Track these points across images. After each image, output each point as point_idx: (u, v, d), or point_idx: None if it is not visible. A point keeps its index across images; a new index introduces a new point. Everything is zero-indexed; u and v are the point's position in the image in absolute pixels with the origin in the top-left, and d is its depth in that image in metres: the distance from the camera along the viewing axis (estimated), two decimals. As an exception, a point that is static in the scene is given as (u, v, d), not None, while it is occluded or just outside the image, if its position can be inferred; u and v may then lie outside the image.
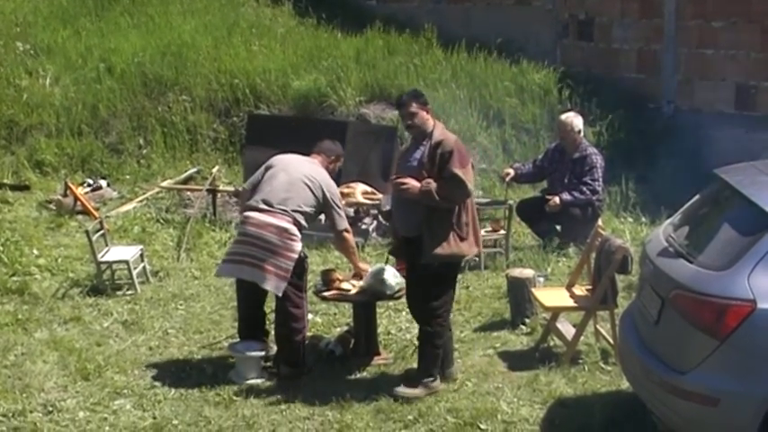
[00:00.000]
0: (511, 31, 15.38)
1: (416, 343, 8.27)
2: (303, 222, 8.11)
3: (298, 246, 8.05)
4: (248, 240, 8.00)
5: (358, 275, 8.53)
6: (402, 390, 7.65)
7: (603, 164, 11.22)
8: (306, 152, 8.57)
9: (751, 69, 13.12)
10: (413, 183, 7.52)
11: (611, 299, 8.22)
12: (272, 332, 8.38)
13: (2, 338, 8.90)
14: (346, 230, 8.38)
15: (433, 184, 7.44)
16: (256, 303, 8.40)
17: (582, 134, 11.29)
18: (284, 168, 8.19)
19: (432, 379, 7.74)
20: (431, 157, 7.50)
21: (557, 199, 10.91)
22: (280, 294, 8.01)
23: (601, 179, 11.14)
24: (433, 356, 7.77)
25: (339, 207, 8.32)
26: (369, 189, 11.90)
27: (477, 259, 10.36)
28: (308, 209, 8.11)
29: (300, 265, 8.12)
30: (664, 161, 13.15)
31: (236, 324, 8.65)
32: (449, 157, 7.43)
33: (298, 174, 8.13)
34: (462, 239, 7.53)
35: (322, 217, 8.46)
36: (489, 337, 8.96)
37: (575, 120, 11.25)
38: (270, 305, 8.42)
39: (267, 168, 8.29)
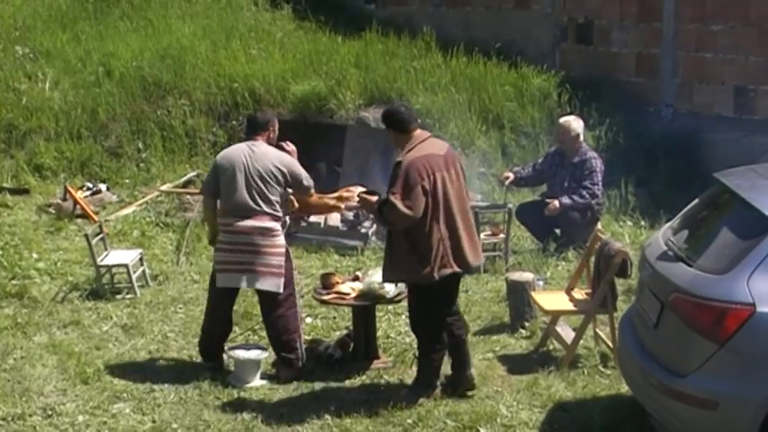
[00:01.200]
0: (510, 35, 15.39)
1: (415, 347, 8.30)
2: (280, 212, 8.17)
3: (282, 240, 8.14)
4: (234, 248, 8.06)
5: (342, 201, 8.78)
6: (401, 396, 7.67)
7: (603, 168, 11.23)
8: (305, 157, 8.55)
9: (750, 72, 13.13)
10: (370, 198, 7.61)
11: (611, 302, 8.22)
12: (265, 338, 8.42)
13: (1, 342, 8.89)
14: (312, 188, 8.45)
15: (375, 203, 7.53)
16: (226, 328, 8.43)
17: (582, 138, 11.29)
18: (238, 169, 8.08)
19: (429, 390, 7.70)
20: (390, 176, 7.51)
21: (556, 203, 10.92)
22: (281, 291, 8.07)
23: (600, 183, 11.14)
24: (428, 368, 7.74)
25: (301, 174, 8.29)
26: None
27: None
28: (278, 197, 8.14)
29: (288, 259, 8.22)
30: (663, 165, 13.16)
31: (201, 337, 8.54)
32: (393, 179, 7.39)
33: (254, 170, 8.06)
34: (423, 263, 7.36)
35: (321, 219, 8.47)
36: (489, 340, 8.96)
37: (574, 123, 11.25)
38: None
39: (218, 172, 8.20)
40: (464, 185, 7.70)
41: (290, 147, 8.64)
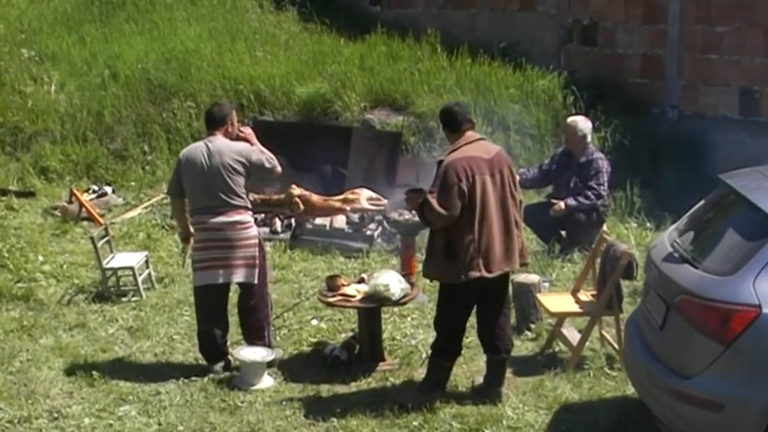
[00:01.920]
0: (515, 36, 15.40)
1: (421, 349, 8.30)
2: (249, 202, 8.29)
3: (254, 231, 8.29)
4: (210, 245, 8.18)
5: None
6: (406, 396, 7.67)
7: (610, 169, 11.20)
8: (310, 159, 8.59)
9: (755, 74, 13.12)
10: (416, 196, 7.60)
11: (616, 304, 8.22)
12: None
13: (7, 345, 8.91)
14: (277, 167, 8.48)
15: (419, 202, 7.52)
16: (219, 321, 8.43)
17: (589, 139, 11.28)
18: (199, 167, 8.14)
19: (436, 391, 7.68)
20: (435, 176, 7.54)
21: (561, 204, 10.91)
22: (255, 281, 8.24)
23: (606, 184, 11.12)
24: (437, 368, 7.73)
25: (261, 158, 8.31)
26: (374, 195, 11.92)
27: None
28: (243, 188, 8.22)
29: (261, 249, 8.39)
30: (668, 166, 13.16)
31: (199, 341, 8.52)
32: (435, 178, 7.43)
33: (214, 166, 8.10)
34: (454, 263, 7.37)
35: (327, 222, 8.48)
36: (494, 342, 8.95)
37: (581, 123, 11.25)
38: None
39: (180, 173, 8.28)
40: (511, 191, 7.60)
41: (247, 130, 8.69)
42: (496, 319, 7.68)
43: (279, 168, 8.49)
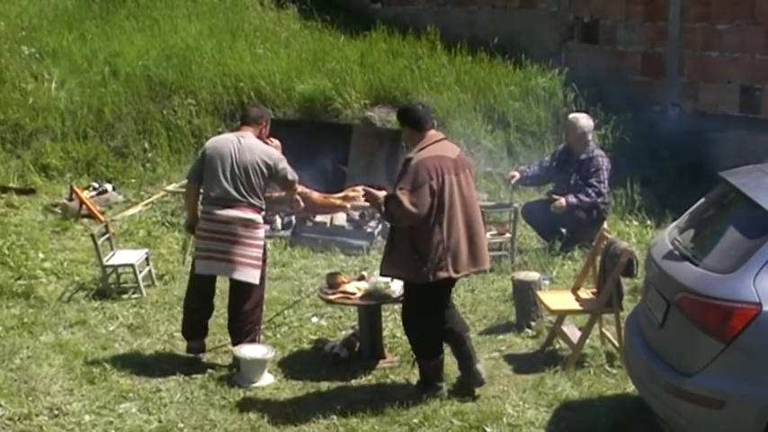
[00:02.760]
0: (515, 34, 15.39)
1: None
2: (263, 204, 8.34)
3: (262, 233, 8.33)
4: (215, 236, 8.21)
5: (348, 200, 9.16)
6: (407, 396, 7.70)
7: (610, 166, 11.21)
8: (311, 156, 8.63)
9: (756, 71, 13.11)
10: (376, 193, 7.60)
11: (617, 302, 8.23)
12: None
13: (7, 342, 8.90)
14: (296, 182, 8.61)
15: (381, 198, 7.52)
16: (207, 303, 8.58)
17: (590, 137, 11.28)
18: (225, 158, 8.20)
19: (432, 390, 7.71)
20: (399, 172, 7.56)
21: (562, 200, 10.91)
22: (256, 282, 8.27)
23: (606, 181, 11.12)
24: (426, 369, 7.77)
25: (286, 168, 8.41)
26: (374, 192, 11.89)
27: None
28: (261, 189, 8.29)
29: (264, 252, 8.43)
30: (669, 164, 13.16)
31: (183, 317, 8.72)
32: (402, 175, 7.42)
33: (240, 161, 8.18)
34: (422, 262, 7.38)
35: (327, 219, 8.49)
36: (495, 340, 8.96)
37: (582, 120, 11.25)
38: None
39: (205, 160, 8.33)
40: (474, 192, 7.69)
41: (275, 142, 8.79)
42: (445, 310, 7.80)
43: (297, 185, 8.60)
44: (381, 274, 7.92)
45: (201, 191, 8.44)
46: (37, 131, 14.52)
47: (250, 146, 8.26)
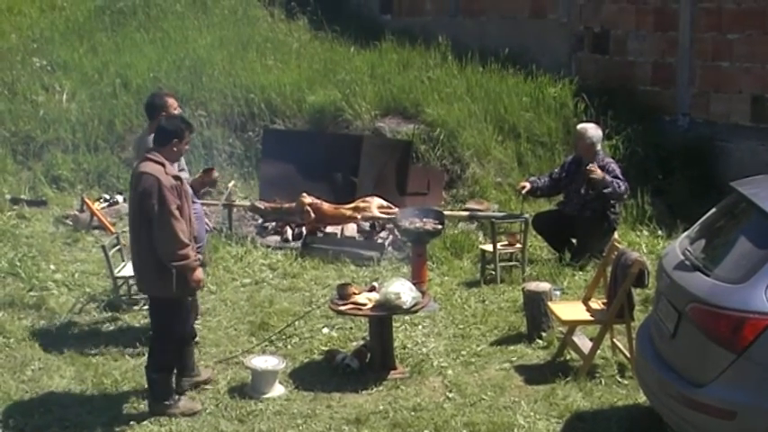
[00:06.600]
0: (526, 44, 15.40)
1: (432, 357, 8.28)
2: None
3: None
4: None
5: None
6: None
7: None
8: (321, 168, 8.56)
9: (766, 81, 13.08)
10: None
11: (628, 312, 8.20)
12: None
13: (19, 353, 8.93)
14: None
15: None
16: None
17: (599, 147, 11.27)
18: None
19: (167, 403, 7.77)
20: None
21: (599, 170, 10.82)
22: None
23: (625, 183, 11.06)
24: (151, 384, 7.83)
25: None
26: (384, 203, 11.91)
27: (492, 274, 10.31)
28: None
29: None
30: (679, 174, 13.14)
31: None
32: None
33: None
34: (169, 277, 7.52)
35: (337, 230, 8.43)
36: (506, 350, 8.95)
37: (590, 131, 11.23)
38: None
39: None
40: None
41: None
42: None
43: None
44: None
45: None
46: (48, 143, 14.55)
47: None
